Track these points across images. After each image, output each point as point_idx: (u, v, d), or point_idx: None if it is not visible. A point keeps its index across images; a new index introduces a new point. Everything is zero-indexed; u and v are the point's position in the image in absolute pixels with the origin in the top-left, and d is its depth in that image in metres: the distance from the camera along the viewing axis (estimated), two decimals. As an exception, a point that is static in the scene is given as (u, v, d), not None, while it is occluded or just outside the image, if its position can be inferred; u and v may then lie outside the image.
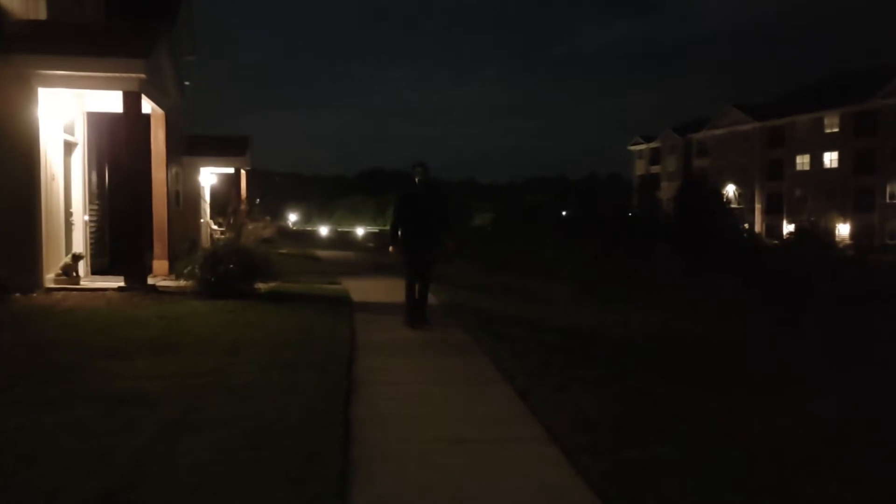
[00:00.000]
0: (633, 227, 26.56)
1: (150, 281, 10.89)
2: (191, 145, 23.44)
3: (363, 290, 12.07)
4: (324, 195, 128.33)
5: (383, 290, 12.02)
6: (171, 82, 12.58)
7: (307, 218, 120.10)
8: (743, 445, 4.41)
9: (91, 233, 12.37)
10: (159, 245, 11.98)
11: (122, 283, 10.18)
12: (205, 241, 23.67)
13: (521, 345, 7.39)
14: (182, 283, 10.26)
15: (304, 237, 59.59)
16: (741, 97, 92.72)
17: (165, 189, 12.16)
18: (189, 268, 9.95)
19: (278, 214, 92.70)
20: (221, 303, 9.27)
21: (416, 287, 8.67)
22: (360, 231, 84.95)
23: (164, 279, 11.28)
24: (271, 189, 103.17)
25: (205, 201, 25.67)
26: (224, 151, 23.94)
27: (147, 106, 11.59)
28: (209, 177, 26.94)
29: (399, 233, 8.66)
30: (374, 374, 6.08)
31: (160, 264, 11.89)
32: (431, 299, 10.54)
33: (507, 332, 8.20)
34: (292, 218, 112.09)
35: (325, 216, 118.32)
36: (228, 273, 9.68)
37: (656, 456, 4.14)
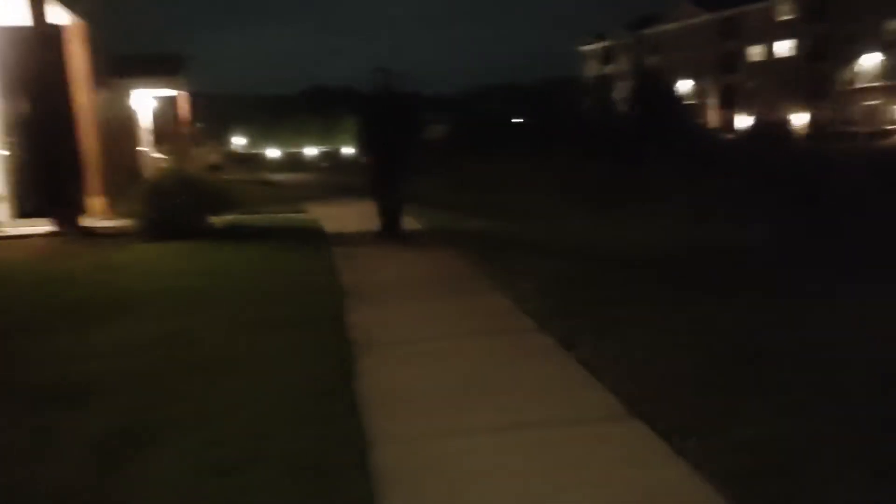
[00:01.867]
0: (614, 131, 25.26)
1: (87, 222, 9.40)
2: (120, 67, 21.22)
3: (334, 217, 10.71)
4: (269, 117, 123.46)
5: (357, 216, 10.63)
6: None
7: (253, 141, 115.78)
8: None
9: (12, 170, 10.68)
10: (94, 179, 10.38)
11: (52, 228, 8.68)
12: (146, 173, 21.81)
13: (530, 275, 6.20)
14: (125, 222, 8.80)
15: (252, 161, 56.76)
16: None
17: (93, 114, 10.45)
18: (130, 204, 8.46)
19: (223, 139, 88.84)
20: (172, 244, 7.88)
21: (389, 207, 8.37)
22: (309, 151, 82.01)
23: (104, 219, 9.77)
24: (213, 113, 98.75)
25: (142, 128, 23.59)
26: (156, 72, 21.73)
27: (64, 18, 9.79)
28: (147, 102, 24.73)
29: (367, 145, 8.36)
30: (379, 329, 4.85)
31: (97, 201, 10.32)
32: (410, 224, 9.31)
33: (509, 259, 7.00)
34: (238, 142, 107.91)
35: (271, 138, 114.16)
36: (176, 208, 8.23)
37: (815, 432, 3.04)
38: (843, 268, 6.41)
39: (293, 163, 55.08)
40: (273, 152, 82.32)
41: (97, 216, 9.97)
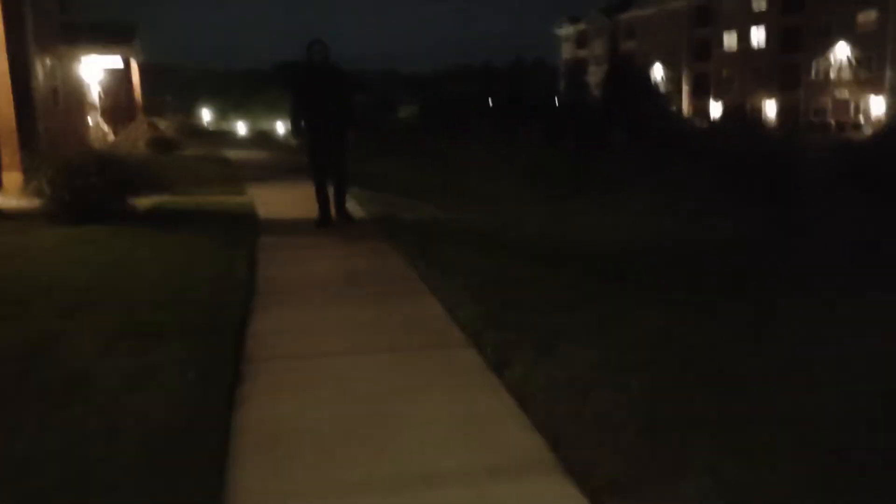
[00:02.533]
0: (585, 115, 24.66)
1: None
2: (69, 33, 20.10)
3: (274, 200, 9.93)
4: (240, 91, 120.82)
5: (298, 199, 9.83)
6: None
7: (223, 115, 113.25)
8: None
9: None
10: (7, 153, 9.49)
11: (-48, 207, 7.85)
12: (95, 144, 20.75)
13: (473, 275, 5.52)
14: (39, 202, 7.96)
15: (218, 136, 55.15)
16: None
17: (8, 81, 9.56)
18: (37, 182, 7.63)
19: (191, 112, 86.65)
20: (81, 229, 7.08)
21: (329, 189, 7.81)
22: (279, 128, 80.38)
23: (17, 198, 8.91)
24: (184, 85, 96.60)
25: (92, 99, 22.47)
26: (108, 39, 20.69)
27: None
28: (98, 72, 23.58)
29: (302, 123, 7.77)
30: (283, 340, 4.14)
31: (11, 178, 9.45)
32: (355, 210, 8.58)
33: (454, 254, 6.30)
34: (206, 116, 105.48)
35: (241, 113, 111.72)
36: (90, 188, 7.41)
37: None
38: (810, 269, 5.84)
39: (260, 140, 53.58)
40: (243, 127, 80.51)
41: (11, 194, 9.10)
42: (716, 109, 64.21)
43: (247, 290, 5.12)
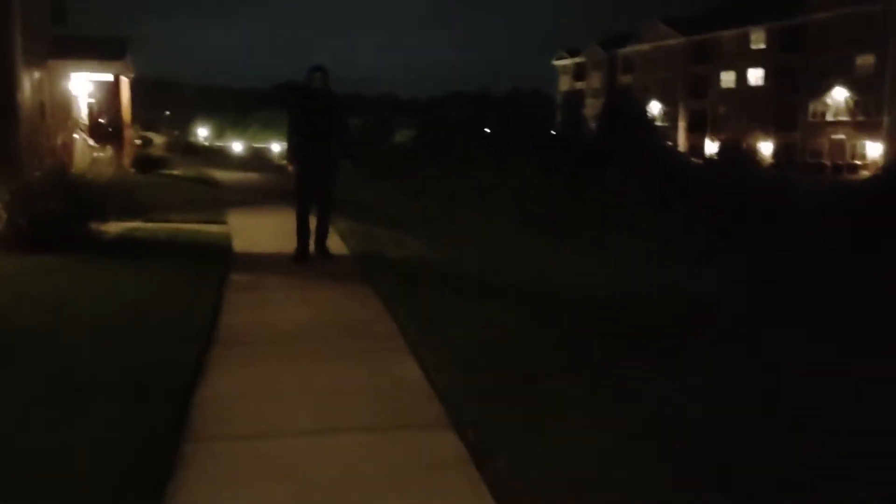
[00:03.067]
0: (580, 148, 24.27)
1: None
2: (59, 48, 19.65)
3: (254, 230, 9.41)
4: (238, 109, 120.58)
5: (280, 229, 9.29)
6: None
7: (219, 133, 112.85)
8: None
9: None
10: (-27, 171, 8.93)
11: None
12: (81, 163, 20.21)
13: (457, 328, 5.00)
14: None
15: (212, 154, 54.57)
16: (670, 11, 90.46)
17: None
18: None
19: (187, 128, 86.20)
20: (36, 258, 6.53)
21: (312, 218, 7.48)
22: (275, 147, 79.96)
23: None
24: (181, 102, 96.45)
25: (79, 114, 21.96)
26: (99, 54, 20.22)
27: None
28: (86, 87, 23.10)
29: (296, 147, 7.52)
30: (234, 410, 3.60)
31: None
32: (337, 245, 8.08)
33: (438, 302, 5.79)
34: (202, 133, 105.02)
35: (238, 131, 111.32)
36: (49, 213, 6.86)
37: None
38: (816, 328, 5.35)
39: (254, 159, 53.08)
40: (238, 146, 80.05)
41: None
42: (711, 147, 64.18)
43: (204, 341, 4.58)
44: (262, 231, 9.33)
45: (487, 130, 58.30)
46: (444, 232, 10.73)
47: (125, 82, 21.91)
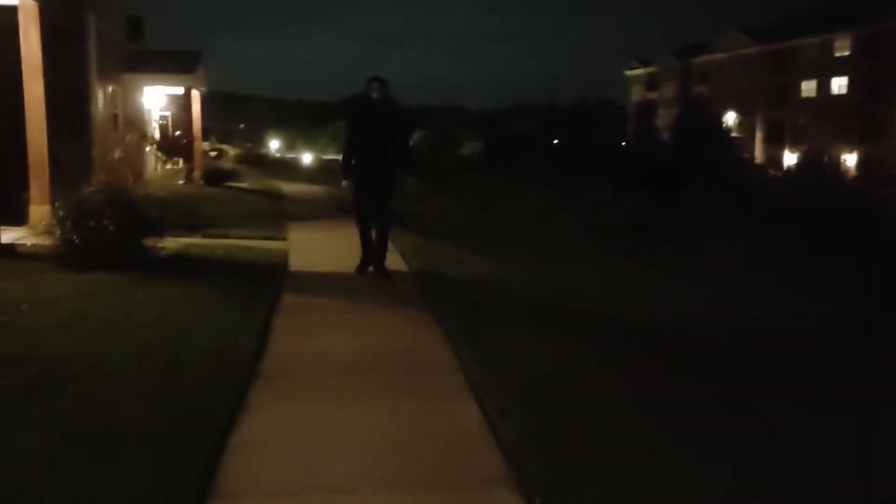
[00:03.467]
0: (654, 161, 23.37)
1: (20, 235, 7.96)
2: (133, 61, 20.05)
3: (312, 246, 9.12)
4: (309, 121, 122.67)
5: (338, 246, 8.99)
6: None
7: (290, 145, 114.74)
8: None
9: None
10: (37, 185, 8.91)
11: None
12: (151, 175, 20.53)
13: (523, 365, 4.51)
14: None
15: (281, 166, 55.21)
16: (741, 20, 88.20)
17: (44, 108, 9.01)
18: (52, 221, 6.96)
19: (259, 141, 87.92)
20: (88, 276, 6.34)
21: (371, 230, 7.26)
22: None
23: (43, 233, 8.28)
24: (253, 114, 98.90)
25: (151, 127, 22.37)
26: (170, 68, 20.52)
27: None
28: (159, 100, 23.57)
29: (352, 162, 7.23)
30: (268, 467, 3.19)
31: (39, 212, 8.83)
32: (397, 262, 7.72)
33: (505, 330, 5.32)
34: (274, 145, 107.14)
35: (309, 143, 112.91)
36: (102, 230, 6.67)
37: None
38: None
39: (322, 170, 53.47)
40: (308, 157, 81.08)
41: (36, 229, 8.48)
42: (790, 158, 61.77)
43: (247, 373, 4.22)
44: (321, 248, 9.03)
45: (555, 142, 57.55)
46: (512, 250, 10.24)
47: (197, 95, 22.20)
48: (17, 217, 8.56)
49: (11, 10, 8.83)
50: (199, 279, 6.50)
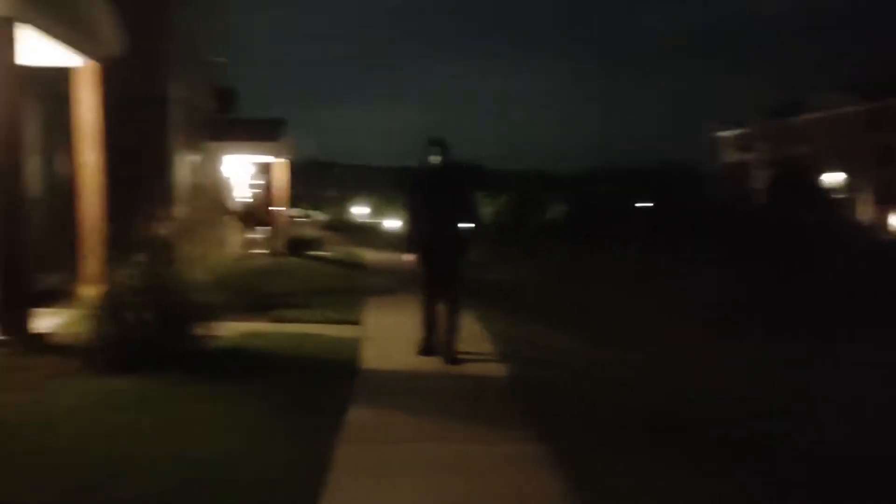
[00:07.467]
0: (753, 224, 21.47)
1: (60, 321, 6.92)
2: (216, 129, 19.77)
3: (389, 332, 7.88)
4: (394, 187, 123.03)
5: (416, 331, 7.72)
6: (113, 25, 8.54)
7: (377, 210, 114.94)
8: None
9: None
10: (91, 262, 8.04)
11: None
12: (230, 246, 19.98)
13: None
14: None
15: (366, 232, 54.83)
16: (833, 80, 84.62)
17: (99, 176, 8.21)
18: (87, 312, 5.93)
19: (344, 207, 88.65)
20: (114, 383, 5.19)
21: (438, 307, 6.56)
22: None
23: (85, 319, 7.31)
24: (337, 181, 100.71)
25: (234, 196, 21.99)
26: (253, 136, 20.12)
27: (75, 59, 7.71)
28: (241, 168, 23.26)
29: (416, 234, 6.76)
30: None
31: (89, 294, 7.92)
32: (480, 340, 6.53)
33: (652, 466, 3.91)
34: (359, 211, 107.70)
35: (393, 209, 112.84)
36: (141, 326, 5.58)
37: None
38: None
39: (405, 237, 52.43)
40: (394, 223, 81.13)
41: (81, 315, 7.52)
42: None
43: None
44: (399, 333, 7.76)
45: (645, 205, 55.30)
46: (610, 331, 8.80)
47: (282, 163, 21.77)
48: (19, 309, 7.20)
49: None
50: (250, 385, 5.26)
